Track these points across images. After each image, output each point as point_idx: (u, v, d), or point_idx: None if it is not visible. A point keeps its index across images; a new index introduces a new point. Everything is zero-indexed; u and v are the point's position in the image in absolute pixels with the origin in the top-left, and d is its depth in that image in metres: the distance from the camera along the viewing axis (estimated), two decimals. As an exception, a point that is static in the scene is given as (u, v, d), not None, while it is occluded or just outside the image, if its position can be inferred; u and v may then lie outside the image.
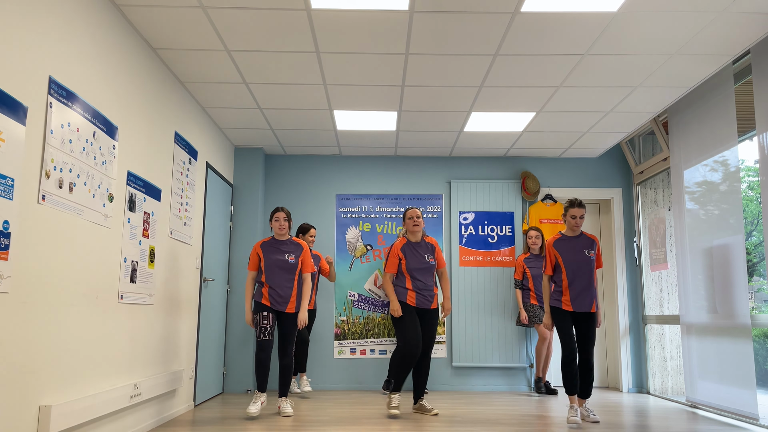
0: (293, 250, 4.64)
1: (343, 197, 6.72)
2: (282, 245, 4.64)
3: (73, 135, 3.06)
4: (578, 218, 4.43)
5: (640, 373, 6.41)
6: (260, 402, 4.51)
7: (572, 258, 4.42)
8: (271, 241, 4.68)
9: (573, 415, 4.31)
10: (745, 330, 4.43)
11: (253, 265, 4.64)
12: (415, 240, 4.70)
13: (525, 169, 6.80)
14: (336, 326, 6.48)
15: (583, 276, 4.39)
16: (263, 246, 4.65)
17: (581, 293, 4.38)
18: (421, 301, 4.62)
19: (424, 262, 4.64)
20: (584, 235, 4.51)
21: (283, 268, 4.57)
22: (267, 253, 4.61)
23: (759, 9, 3.57)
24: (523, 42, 4.00)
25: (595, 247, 4.47)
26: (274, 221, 4.67)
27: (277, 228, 4.65)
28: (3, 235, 2.47)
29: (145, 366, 4.01)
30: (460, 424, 4.34)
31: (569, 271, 4.41)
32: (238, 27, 3.80)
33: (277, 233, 4.67)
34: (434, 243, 4.76)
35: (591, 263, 4.41)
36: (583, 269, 4.39)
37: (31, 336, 2.69)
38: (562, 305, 4.42)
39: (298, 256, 4.64)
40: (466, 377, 6.42)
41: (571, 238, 4.49)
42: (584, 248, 4.44)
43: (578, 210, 4.43)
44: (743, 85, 4.67)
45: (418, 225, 4.65)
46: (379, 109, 5.33)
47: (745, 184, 11.02)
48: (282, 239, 4.68)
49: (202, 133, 5.35)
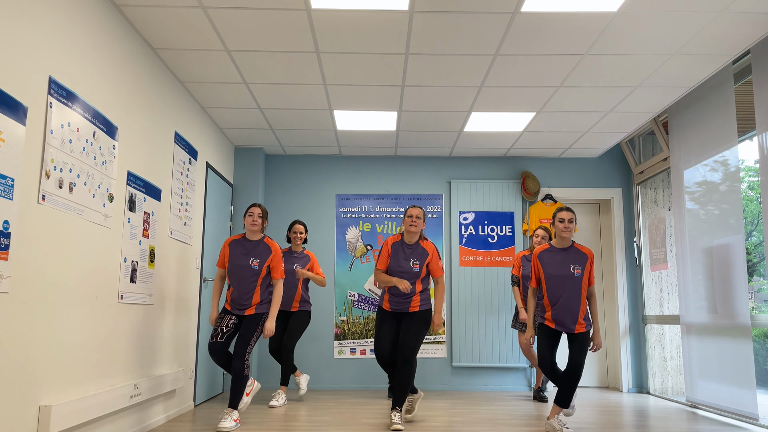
0: (260, 254, 4.22)
1: (343, 197, 6.72)
2: (250, 246, 4.25)
3: (73, 135, 3.06)
4: (566, 221, 4.03)
5: (640, 373, 6.41)
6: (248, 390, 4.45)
7: (553, 272, 4.02)
8: (241, 240, 4.29)
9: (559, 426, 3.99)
10: (745, 330, 4.43)
11: (221, 262, 4.29)
12: (410, 241, 4.33)
13: (525, 169, 6.80)
14: (336, 326, 6.48)
15: (564, 293, 3.97)
16: (232, 244, 4.28)
17: (561, 311, 3.97)
18: (395, 307, 4.31)
19: (406, 267, 4.27)
20: (575, 247, 4.08)
21: (244, 275, 4.19)
22: (232, 254, 4.24)
23: (759, 9, 3.57)
24: (523, 42, 4.00)
25: (586, 263, 4.02)
26: (247, 215, 4.25)
27: (249, 223, 4.23)
28: (3, 235, 2.47)
29: (145, 366, 4.01)
30: (460, 424, 4.34)
31: (548, 285, 4.03)
32: (238, 27, 3.80)
33: (249, 229, 4.25)
34: (431, 250, 4.33)
35: (575, 281, 3.97)
36: (563, 286, 3.98)
37: (31, 336, 2.70)
38: (545, 321, 4.07)
39: (264, 261, 4.21)
40: (466, 377, 6.42)
41: (559, 251, 4.07)
42: (570, 263, 4.01)
43: (566, 213, 4.05)
44: (743, 85, 4.67)
45: (415, 225, 4.26)
46: (379, 109, 5.33)
47: (745, 184, 11.02)
48: (253, 239, 4.28)
49: (202, 133, 5.35)
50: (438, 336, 6.47)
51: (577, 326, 3.97)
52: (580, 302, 3.99)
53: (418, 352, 4.60)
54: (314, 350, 6.43)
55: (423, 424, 4.32)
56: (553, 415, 4.02)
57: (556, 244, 4.12)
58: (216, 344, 4.16)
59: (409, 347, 4.18)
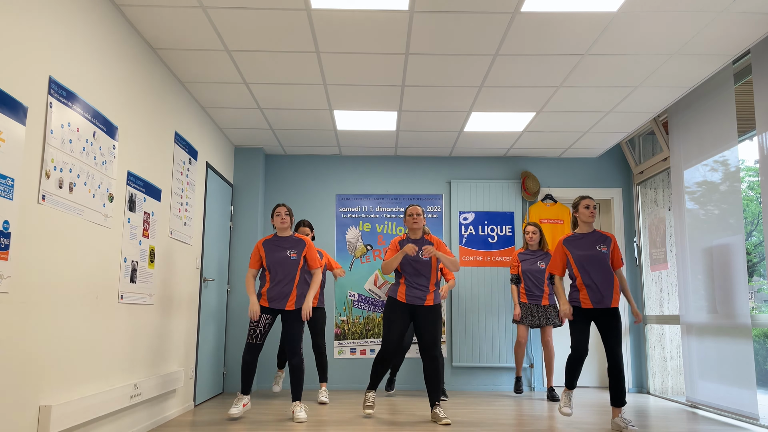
0: (294, 246, 4.56)
1: (343, 197, 6.72)
2: (283, 242, 4.57)
3: (73, 135, 3.06)
4: (591, 207, 4.28)
5: (640, 373, 6.41)
6: (242, 404, 4.49)
7: (582, 252, 4.25)
8: (273, 238, 4.60)
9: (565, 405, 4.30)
10: (745, 330, 4.43)
11: (254, 262, 4.56)
12: (415, 237, 4.60)
13: (525, 169, 6.80)
14: (336, 326, 6.48)
15: (596, 270, 4.20)
16: (265, 244, 4.57)
17: (597, 288, 4.18)
18: (412, 298, 4.45)
19: (417, 259, 4.50)
20: (598, 232, 4.34)
21: (285, 265, 4.48)
22: (269, 251, 4.53)
23: (759, 9, 3.57)
24: (523, 42, 4.00)
25: (610, 243, 4.29)
26: (275, 216, 4.60)
27: (278, 222, 4.57)
28: (3, 235, 2.47)
29: (145, 366, 4.01)
30: (460, 424, 4.34)
31: (579, 266, 4.25)
32: (238, 27, 3.80)
33: (279, 227, 4.58)
34: (437, 241, 4.58)
35: (604, 257, 4.22)
36: (595, 263, 4.21)
37: (31, 336, 2.70)
38: (581, 303, 4.24)
39: (300, 253, 4.54)
40: (466, 377, 6.42)
41: (583, 235, 4.32)
42: (596, 243, 4.27)
43: (589, 200, 4.30)
44: (743, 85, 4.67)
45: (417, 222, 4.54)
46: (379, 109, 5.33)
47: (745, 184, 11.01)
48: (284, 235, 4.60)
49: (202, 133, 5.35)
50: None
51: (613, 300, 4.21)
52: (612, 277, 4.24)
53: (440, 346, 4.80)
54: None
55: (423, 423, 4.32)
56: (616, 414, 4.19)
57: (580, 230, 4.39)
58: (254, 345, 4.45)
59: (434, 343, 4.42)
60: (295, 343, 4.46)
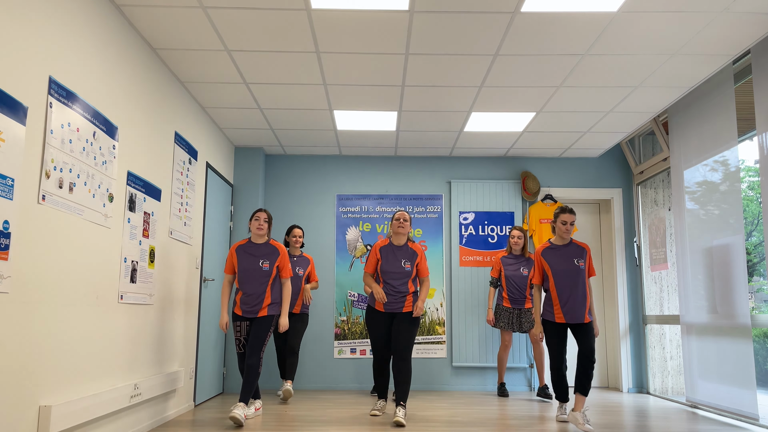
0: (268, 255, 4.42)
1: (343, 197, 6.72)
2: (256, 249, 4.43)
3: (73, 135, 3.06)
4: (568, 224, 4.33)
5: (640, 373, 6.41)
6: (254, 408, 4.53)
7: (560, 267, 4.32)
8: (246, 244, 4.46)
9: (561, 413, 4.48)
10: (745, 330, 4.43)
11: (229, 268, 4.45)
12: (398, 243, 4.57)
13: (525, 169, 6.80)
14: (336, 326, 6.48)
15: (572, 286, 4.28)
16: (238, 250, 4.44)
17: (572, 303, 4.27)
18: (389, 307, 4.49)
19: (398, 267, 4.49)
20: (574, 243, 4.41)
21: (256, 276, 4.37)
22: (241, 259, 4.41)
23: (759, 9, 3.57)
24: (523, 42, 4.00)
25: (586, 256, 4.35)
26: (253, 220, 4.44)
27: (255, 227, 4.42)
28: (3, 235, 2.47)
29: (145, 366, 4.01)
30: (460, 424, 4.34)
31: (557, 280, 4.31)
32: (238, 27, 3.80)
33: (255, 233, 4.43)
34: (419, 251, 4.57)
35: (580, 273, 4.29)
36: (572, 278, 4.28)
37: (31, 336, 2.70)
38: (555, 318, 4.32)
39: (273, 262, 4.41)
40: (466, 377, 6.42)
41: (560, 247, 4.39)
42: (573, 257, 4.33)
43: (569, 216, 4.34)
44: (743, 85, 4.67)
45: (402, 227, 4.52)
46: (379, 109, 5.33)
47: (745, 184, 11.02)
48: (258, 242, 4.45)
49: (202, 133, 5.35)
50: (438, 336, 6.47)
51: (586, 316, 4.28)
52: (587, 292, 4.32)
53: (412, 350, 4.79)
54: (314, 350, 6.43)
55: (423, 423, 4.32)
56: (579, 407, 4.20)
57: (556, 241, 4.44)
58: (243, 354, 4.45)
59: (406, 347, 4.42)
60: (258, 345, 4.29)
